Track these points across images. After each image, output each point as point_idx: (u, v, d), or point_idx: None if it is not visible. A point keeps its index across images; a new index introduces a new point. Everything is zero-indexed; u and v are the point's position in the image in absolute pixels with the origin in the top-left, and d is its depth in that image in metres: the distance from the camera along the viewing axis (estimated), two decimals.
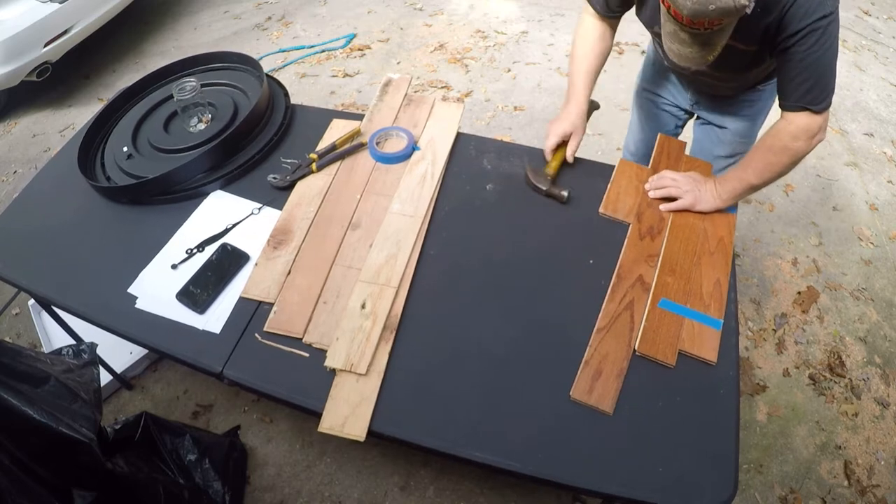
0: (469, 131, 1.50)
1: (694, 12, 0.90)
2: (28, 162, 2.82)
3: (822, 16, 0.99)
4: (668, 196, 1.27)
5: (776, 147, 1.15)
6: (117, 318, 1.14)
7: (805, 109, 1.09)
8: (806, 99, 1.08)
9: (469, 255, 1.22)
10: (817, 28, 1.00)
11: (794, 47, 1.03)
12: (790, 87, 1.08)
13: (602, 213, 1.27)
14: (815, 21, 0.99)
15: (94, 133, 1.47)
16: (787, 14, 1.00)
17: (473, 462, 0.95)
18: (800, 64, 1.04)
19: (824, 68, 1.05)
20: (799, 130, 1.11)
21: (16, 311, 2.12)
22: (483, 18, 3.59)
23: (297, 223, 1.26)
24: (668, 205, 1.27)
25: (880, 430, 1.80)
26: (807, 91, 1.07)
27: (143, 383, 1.90)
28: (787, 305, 2.11)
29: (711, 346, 1.05)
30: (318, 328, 1.09)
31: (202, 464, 1.47)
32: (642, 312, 1.10)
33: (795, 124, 1.11)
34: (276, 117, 1.49)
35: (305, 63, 3.30)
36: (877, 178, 2.63)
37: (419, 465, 1.69)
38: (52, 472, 0.99)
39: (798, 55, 1.04)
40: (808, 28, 1.00)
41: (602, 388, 1.00)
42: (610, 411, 0.98)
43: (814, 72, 1.05)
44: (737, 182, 1.22)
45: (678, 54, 1.03)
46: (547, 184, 1.30)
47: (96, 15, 3.10)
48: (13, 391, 0.94)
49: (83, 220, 1.32)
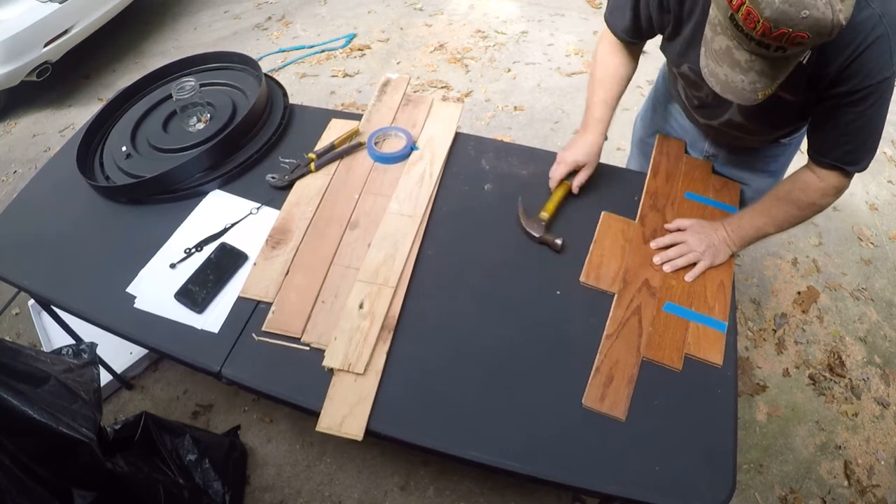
0: (469, 131, 1.50)
1: (781, 14, 0.70)
2: (28, 162, 2.83)
3: (885, 77, 0.86)
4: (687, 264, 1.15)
5: (803, 202, 1.06)
6: (116, 318, 1.14)
7: (841, 169, 1.00)
8: (846, 159, 0.98)
9: (467, 255, 1.22)
10: (878, 90, 0.88)
11: (847, 106, 0.91)
12: (831, 144, 0.98)
13: (583, 282, 1.15)
14: (879, 83, 0.87)
15: (94, 133, 1.47)
16: (850, 68, 0.86)
17: (473, 462, 0.95)
18: (850, 125, 0.93)
19: (872, 130, 0.95)
20: (830, 188, 1.02)
21: (16, 311, 2.12)
22: (483, 18, 3.59)
23: (296, 223, 1.26)
24: (690, 274, 1.14)
25: (880, 430, 1.80)
26: (849, 151, 0.97)
27: (143, 383, 1.90)
28: (787, 305, 2.11)
29: (717, 349, 1.05)
30: (317, 328, 1.09)
31: (202, 464, 1.47)
32: (650, 317, 1.09)
33: (828, 182, 1.02)
34: (275, 117, 1.49)
35: (305, 63, 3.30)
36: (877, 178, 2.62)
37: (419, 465, 1.69)
38: (52, 472, 0.99)
39: (850, 115, 0.92)
40: (870, 89, 0.87)
41: (614, 394, 0.99)
42: (623, 418, 0.97)
43: (861, 133, 0.95)
44: (752, 231, 1.13)
45: (724, 82, 0.84)
46: (541, 230, 1.20)
47: (96, 15, 3.11)
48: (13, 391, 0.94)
49: (82, 219, 1.33)
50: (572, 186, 1.27)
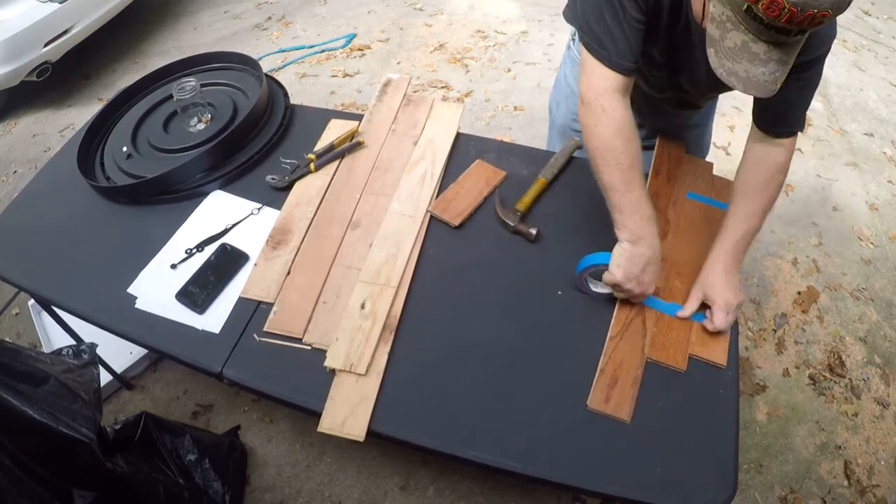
0: (469, 131, 1.50)
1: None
2: (28, 162, 2.82)
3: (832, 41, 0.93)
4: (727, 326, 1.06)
5: (780, 181, 1.07)
6: (117, 318, 1.14)
7: (795, 134, 1.05)
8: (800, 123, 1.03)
9: (469, 255, 1.22)
10: (826, 54, 0.94)
11: (804, 73, 0.94)
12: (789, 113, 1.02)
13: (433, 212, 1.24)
14: (828, 49, 0.93)
15: (94, 133, 1.47)
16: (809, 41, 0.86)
17: (473, 462, 0.95)
18: (802, 91, 0.98)
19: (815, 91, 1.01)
20: (790, 154, 1.06)
21: (16, 311, 2.12)
22: (483, 18, 3.59)
23: (296, 223, 1.26)
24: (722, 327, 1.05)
25: (880, 430, 1.80)
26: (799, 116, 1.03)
27: (143, 383, 1.90)
28: (787, 305, 2.11)
29: (721, 349, 1.05)
30: (318, 328, 1.09)
31: (202, 464, 1.47)
32: (654, 318, 1.09)
33: (790, 149, 1.06)
34: (276, 117, 1.49)
35: (305, 63, 3.30)
36: (877, 178, 2.63)
37: (419, 465, 1.69)
38: (52, 472, 0.99)
39: (804, 81, 0.96)
40: (823, 56, 0.94)
41: (619, 396, 0.99)
42: (627, 420, 0.97)
43: (808, 97, 1.01)
44: (745, 242, 1.08)
45: (745, 79, 0.81)
46: (515, 219, 1.23)
47: (96, 15, 3.10)
48: (13, 391, 0.94)
49: (83, 219, 1.32)
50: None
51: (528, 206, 1.27)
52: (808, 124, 2.87)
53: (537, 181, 1.31)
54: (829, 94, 3.06)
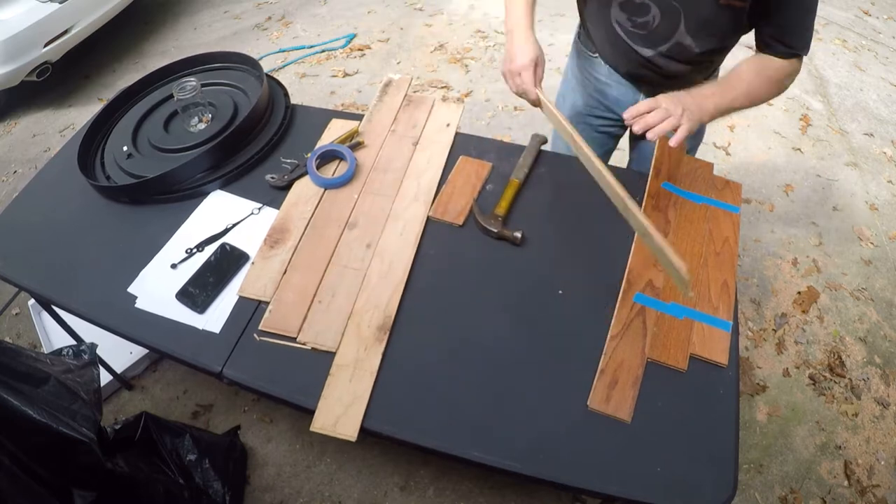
0: (469, 131, 1.50)
1: None
2: (28, 162, 2.82)
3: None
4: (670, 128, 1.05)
5: (774, 79, 1.12)
6: (117, 318, 1.14)
7: (798, 56, 1.09)
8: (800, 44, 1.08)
9: (467, 255, 1.22)
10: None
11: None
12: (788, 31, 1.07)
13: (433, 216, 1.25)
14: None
15: (94, 133, 1.47)
16: None
17: (473, 462, 0.95)
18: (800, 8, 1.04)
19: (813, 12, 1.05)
20: (794, 71, 1.11)
21: (16, 311, 2.12)
22: (483, 18, 3.59)
23: (294, 222, 1.26)
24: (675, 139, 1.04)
25: (880, 430, 1.80)
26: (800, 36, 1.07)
27: (143, 383, 1.90)
28: (787, 305, 2.11)
29: (722, 349, 1.05)
30: (313, 327, 1.09)
31: (202, 464, 1.47)
32: (654, 317, 1.09)
33: (793, 67, 1.11)
34: (276, 117, 1.49)
35: (305, 63, 3.30)
36: (877, 178, 2.63)
37: (419, 465, 1.69)
38: (52, 472, 0.99)
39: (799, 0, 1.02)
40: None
41: (619, 396, 0.99)
42: (628, 420, 0.97)
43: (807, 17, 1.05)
44: (722, 100, 1.09)
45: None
46: (498, 225, 1.22)
47: (96, 15, 3.11)
48: (13, 391, 0.94)
49: (83, 219, 1.32)
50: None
51: (506, 209, 1.26)
52: (808, 123, 2.87)
53: (511, 183, 1.30)
54: (829, 94, 3.07)
